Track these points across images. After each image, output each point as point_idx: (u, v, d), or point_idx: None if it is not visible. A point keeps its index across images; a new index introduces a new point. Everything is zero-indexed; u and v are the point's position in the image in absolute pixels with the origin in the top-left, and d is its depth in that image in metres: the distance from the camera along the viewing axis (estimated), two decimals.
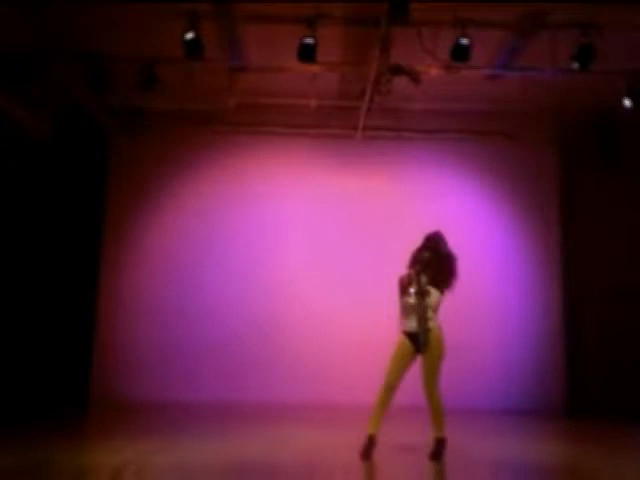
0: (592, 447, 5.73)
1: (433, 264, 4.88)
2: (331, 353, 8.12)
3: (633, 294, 7.82)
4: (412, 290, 4.81)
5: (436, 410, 4.76)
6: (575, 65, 6.06)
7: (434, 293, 4.82)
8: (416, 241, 8.22)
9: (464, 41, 5.88)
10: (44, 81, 7.06)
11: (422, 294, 4.77)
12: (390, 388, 4.73)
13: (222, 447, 5.20)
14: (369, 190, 8.50)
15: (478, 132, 8.41)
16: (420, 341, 4.72)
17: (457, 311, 8.36)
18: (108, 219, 8.44)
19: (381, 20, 5.63)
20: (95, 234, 8.32)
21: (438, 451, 4.72)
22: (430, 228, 8.38)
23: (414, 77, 6.35)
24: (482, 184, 8.61)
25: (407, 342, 4.79)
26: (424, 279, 4.82)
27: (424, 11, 5.61)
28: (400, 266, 8.17)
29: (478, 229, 8.58)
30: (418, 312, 4.74)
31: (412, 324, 4.78)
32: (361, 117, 7.82)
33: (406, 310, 4.85)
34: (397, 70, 6.32)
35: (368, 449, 4.65)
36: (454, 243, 8.42)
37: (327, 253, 8.37)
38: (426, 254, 4.93)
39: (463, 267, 8.32)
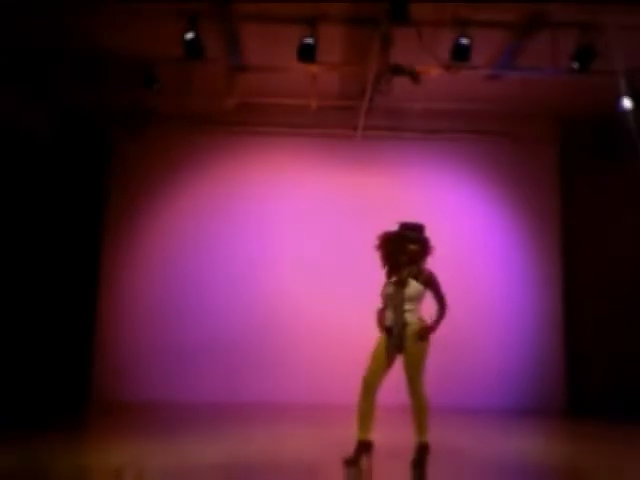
0: (592, 447, 5.74)
1: (419, 256, 4.57)
2: (330, 353, 8.11)
3: (633, 294, 7.83)
4: (391, 280, 4.53)
5: (418, 413, 4.39)
6: (575, 65, 6.08)
7: (413, 284, 4.46)
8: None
9: (464, 41, 5.89)
10: (44, 81, 7.07)
11: (402, 284, 4.43)
12: (367, 387, 4.41)
13: (222, 447, 5.19)
14: (369, 190, 8.49)
15: (478, 132, 8.42)
16: (395, 335, 4.38)
17: (456, 310, 8.44)
18: (108, 219, 8.42)
19: (381, 20, 5.64)
20: (95, 234, 8.31)
21: (420, 458, 4.36)
22: (430, 228, 8.54)
23: (414, 77, 6.34)
24: (482, 184, 8.60)
25: (384, 338, 4.46)
26: (406, 271, 4.50)
27: (424, 11, 5.61)
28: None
29: (478, 229, 8.59)
30: (394, 303, 4.43)
31: (389, 317, 4.47)
32: (361, 117, 7.82)
33: (384, 302, 4.53)
34: (397, 70, 6.31)
35: (358, 455, 4.36)
36: (454, 243, 8.56)
37: (327, 253, 8.36)
38: (412, 246, 4.55)
39: (463, 267, 8.49)
